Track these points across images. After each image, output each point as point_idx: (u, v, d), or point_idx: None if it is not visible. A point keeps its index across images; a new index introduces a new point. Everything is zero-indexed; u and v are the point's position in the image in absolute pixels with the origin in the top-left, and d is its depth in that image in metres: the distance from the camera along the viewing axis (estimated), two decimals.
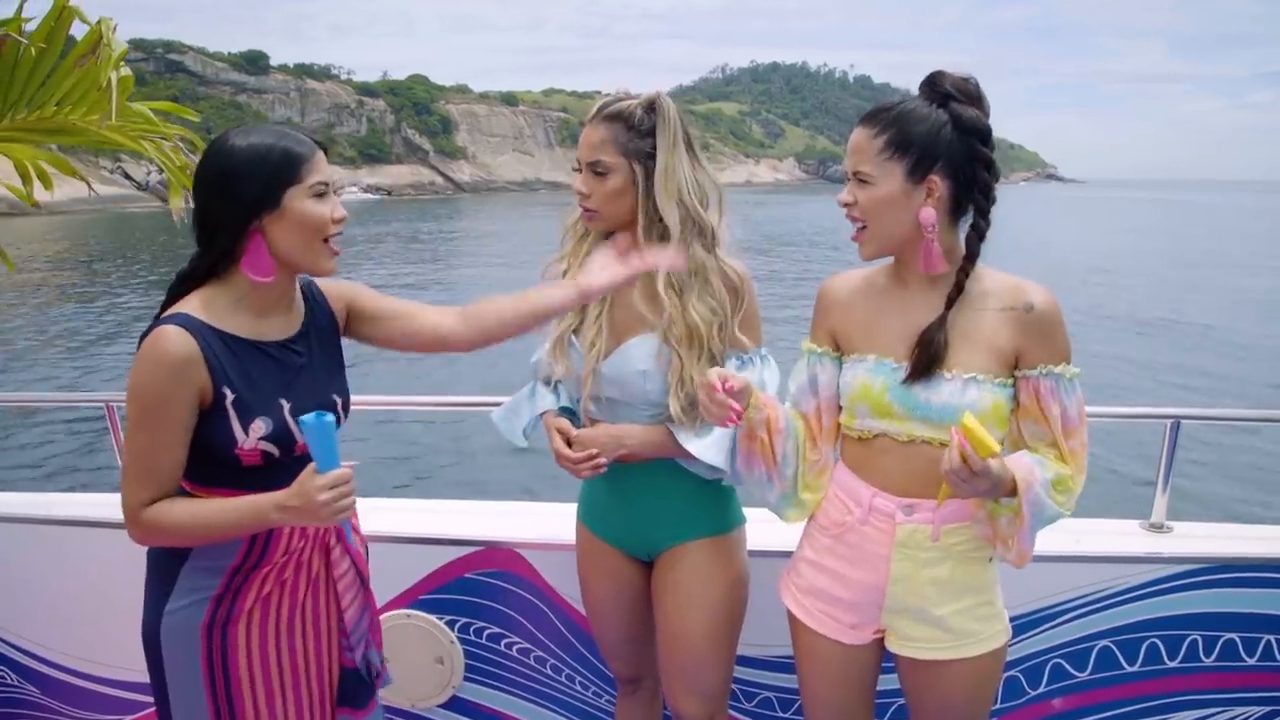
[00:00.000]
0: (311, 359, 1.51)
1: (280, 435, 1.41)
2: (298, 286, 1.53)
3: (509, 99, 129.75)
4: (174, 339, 1.35)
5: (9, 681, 2.39)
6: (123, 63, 1.99)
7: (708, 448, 1.62)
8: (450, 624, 2.19)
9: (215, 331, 1.39)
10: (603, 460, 1.64)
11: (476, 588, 2.17)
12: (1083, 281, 21.40)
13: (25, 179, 2.15)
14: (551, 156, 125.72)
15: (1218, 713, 2.12)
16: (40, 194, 2.22)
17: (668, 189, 1.61)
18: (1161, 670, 2.10)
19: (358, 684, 1.62)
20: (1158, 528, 2.20)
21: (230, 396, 1.37)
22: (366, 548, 1.67)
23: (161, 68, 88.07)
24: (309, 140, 1.44)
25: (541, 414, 1.78)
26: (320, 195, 1.41)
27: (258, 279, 1.41)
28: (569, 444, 1.69)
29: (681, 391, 1.62)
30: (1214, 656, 2.08)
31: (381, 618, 2.17)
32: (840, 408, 1.57)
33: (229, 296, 1.42)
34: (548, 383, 1.81)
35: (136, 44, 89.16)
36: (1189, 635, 2.07)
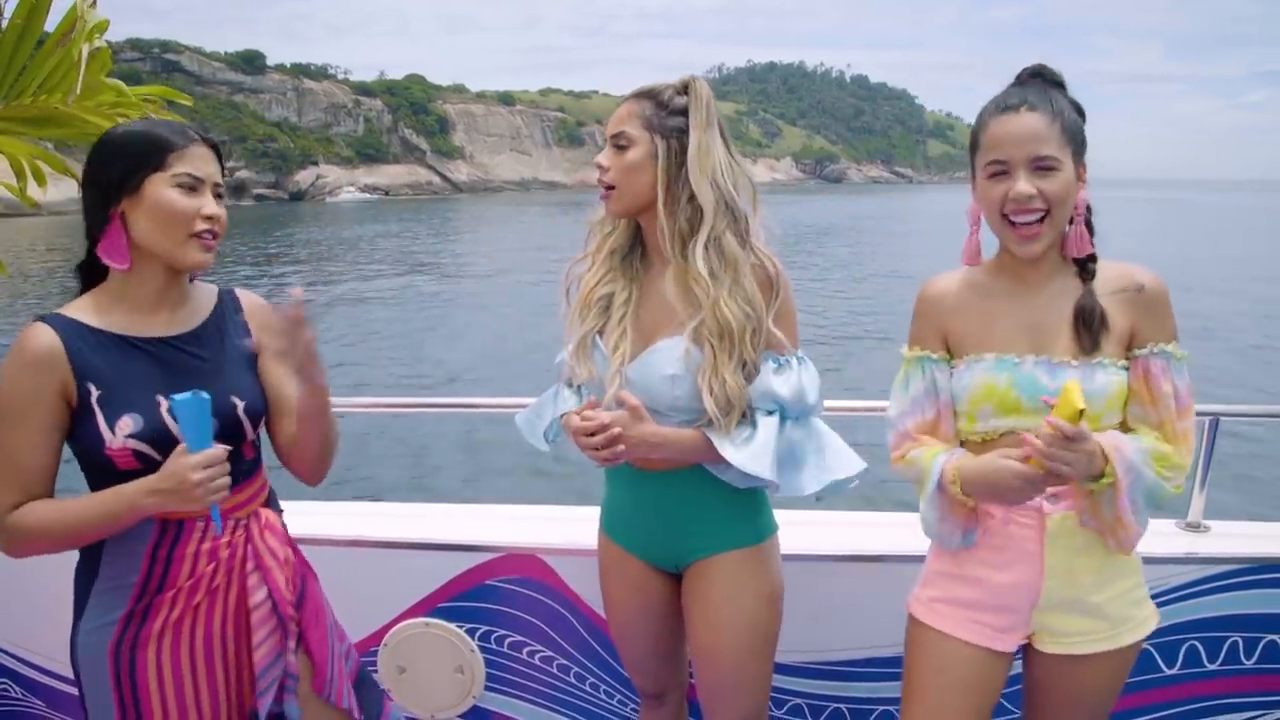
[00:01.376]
0: (208, 359, 1.45)
1: (156, 434, 1.35)
2: (187, 283, 1.48)
3: (506, 99, 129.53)
4: (35, 336, 1.33)
5: (13, 695, 2.33)
6: (99, 36, 1.87)
7: (751, 458, 1.52)
8: (470, 632, 2.13)
9: (86, 328, 1.37)
10: (621, 449, 1.53)
11: (497, 594, 2.11)
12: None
13: (19, 175, 2.07)
14: (549, 156, 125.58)
15: (1260, 715, 2.07)
16: (38, 194, 2.14)
17: (702, 166, 1.54)
18: (1202, 673, 2.05)
19: None
20: (1195, 527, 2.15)
21: (95, 393, 1.34)
22: (296, 582, 1.52)
23: (158, 67, 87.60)
24: (193, 134, 1.40)
25: (562, 415, 1.71)
26: (186, 187, 1.36)
27: (114, 265, 1.38)
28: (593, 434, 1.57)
29: (714, 393, 1.54)
30: (1255, 658, 2.04)
31: (400, 626, 2.13)
32: (955, 411, 1.53)
33: (110, 293, 1.41)
34: (571, 385, 1.73)
35: (133, 44, 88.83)
36: (1230, 637, 2.03)
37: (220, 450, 1.32)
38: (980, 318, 1.50)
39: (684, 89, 1.58)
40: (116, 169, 1.35)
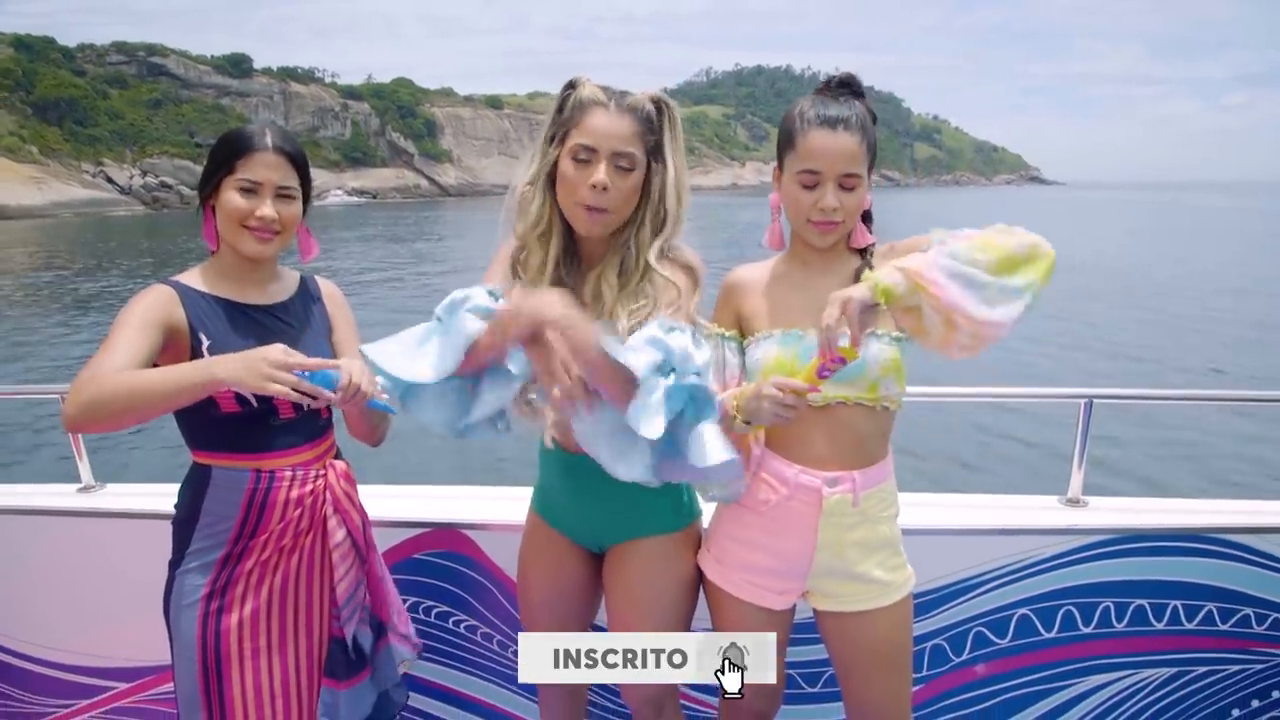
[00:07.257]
0: (298, 328, 1.69)
1: None
2: (274, 266, 1.73)
3: (494, 102, 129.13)
4: (153, 289, 1.60)
5: None
6: None
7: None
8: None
9: (197, 292, 1.63)
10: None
11: (426, 568, 2.25)
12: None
13: None
14: None
15: (1128, 674, 2.23)
16: (19, 198, 2.25)
17: (683, 196, 1.59)
18: (1076, 636, 2.21)
19: (342, 656, 1.72)
20: (1074, 503, 2.30)
21: (206, 343, 1.57)
22: (367, 522, 1.77)
23: (144, 71, 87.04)
24: (266, 139, 1.60)
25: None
26: (246, 190, 1.58)
27: (209, 245, 1.67)
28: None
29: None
30: (1125, 622, 2.19)
31: None
32: None
33: (214, 268, 1.68)
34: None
35: (119, 47, 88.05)
36: (1101, 603, 2.19)
37: (317, 360, 1.49)
38: (771, 300, 1.68)
39: (659, 107, 1.58)
40: (210, 166, 1.62)
